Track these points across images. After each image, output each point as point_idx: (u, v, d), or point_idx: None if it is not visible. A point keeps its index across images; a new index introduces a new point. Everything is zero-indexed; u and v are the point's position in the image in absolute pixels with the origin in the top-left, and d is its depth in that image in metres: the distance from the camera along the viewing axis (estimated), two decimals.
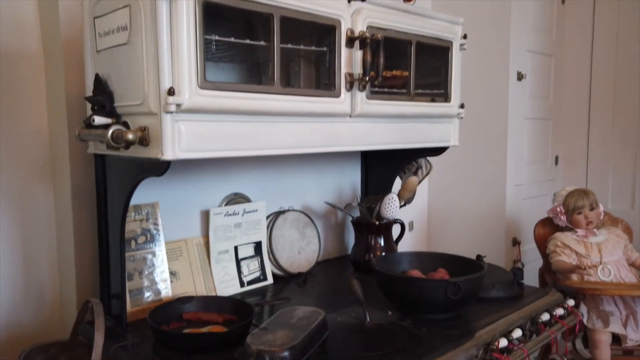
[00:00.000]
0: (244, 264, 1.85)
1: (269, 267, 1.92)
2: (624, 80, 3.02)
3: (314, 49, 1.59)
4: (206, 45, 1.24)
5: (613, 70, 3.07)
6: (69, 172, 1.60)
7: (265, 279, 1.90)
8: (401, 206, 2.08)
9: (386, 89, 1.72)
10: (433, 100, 1.87)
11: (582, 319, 2.20)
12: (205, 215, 1.80)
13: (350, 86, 1.55)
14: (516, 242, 2.81)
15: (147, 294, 1.58)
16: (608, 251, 2.33)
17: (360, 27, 1.53)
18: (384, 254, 2.01)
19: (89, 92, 1.41)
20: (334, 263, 2.23)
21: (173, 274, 1.67)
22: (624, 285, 2.26)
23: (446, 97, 1.90)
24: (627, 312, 2.26)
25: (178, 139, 1.21)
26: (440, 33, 1.81)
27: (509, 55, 2.66)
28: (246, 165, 1.94)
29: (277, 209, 2.00)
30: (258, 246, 1.89)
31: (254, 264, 1.88)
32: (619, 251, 2.35)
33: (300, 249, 2.03)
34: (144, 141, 1.23)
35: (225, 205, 1.87)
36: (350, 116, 1.59)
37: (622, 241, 2.39)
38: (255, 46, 1.44)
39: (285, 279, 1.96)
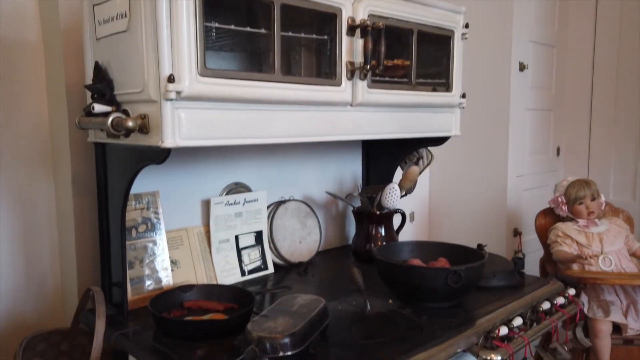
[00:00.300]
0: (244, 253, 1.85)
1: (269, 257, 1.92)
2: (626, 72, 3.01)
3: (314, 37, 1.58)
4: (206, 32, 1.24)
5: (615, 61, 3.05)
6: (70, 161, 1.60)
7: (266, 268, 1.90)
8: (402, 196, 2.08)
9: (387, 78, 1.72)
10: (434, 90, 1.86)
11: (583, 308, 2.21)
12: (206, 205, 1.80)
13: (351, 75, 1.55)
14: (517, 233, 2.80)
15: (148, 283, 1.59)
16: (609, 241, 2.33)
17: (361, 16, 1.52)
18: (385, 244, 2.01)
19: (88, 81, 1.41)
20: (335, 253, 2.23)
21: (174, 262, 1.68)
22: (625, 274, 2.26)
23: (448, 87, 1.89)
24: (628, 301, 2.27)
25: (178, 127, 1.21)
26: (442, 22, 1.80)
27: (511, 46, 2.64)
28: (247, 155, 1.94)
29: (277, 199, 2.00)
30: (259, 235, 1.90)
31: (255, 253, 1.88)
32: (620, 241, 2.35)
33: (301, 238, 2.03)
34: (144, 129, 1.23)
35: (226, 194, 1.87)
36: (351, 105, 1.59)
37: (623, 231, 2.39)
38: (256, 34, 1.43)
39: (286, 268, 1.96)
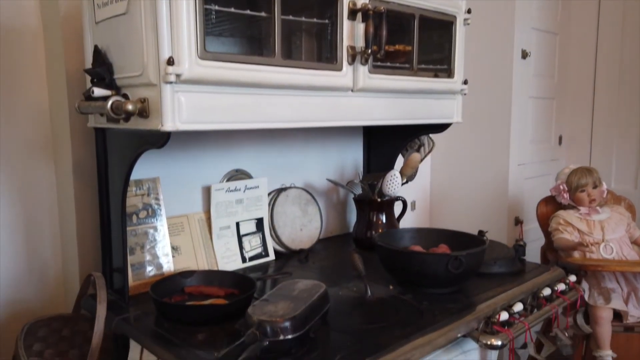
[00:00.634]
0: (245, 239, 1.85)
1: (270, 244, 1.92)
2: (629, 60, 2.98)
3: (315, 21, 1.56)
4: (206, 15, 1.23)
5: (619, 49, 3.02)
6: (70, 147, 1.59)
7: (267, 255, 1.90)
8: (403, 184, 2.07)
9: (389, 64, 1.70)
10: (436, 76, 1.85)
11: (584, 294, 2.21)
12: (207, 191, 1.80)
13: (352, 59, 1.54)
14: (518, 222, 2.80)
15: (149, 268, 1.59)
16: (611, 229, 2.32)
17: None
18: (386, 231, 2.00)
19: (88, 65, 1.40)
20: (336, 240, 2.23)
21: (175, 249, 1.68)
22: (626, 262, 2.25)
23: (449, 73, 1.88)
24: (629, 288, 2.27)
25: (178, 110, 1.20)
26: (444, 7, 1.78)
27: (514, 33, 2.62)
28: (248, 142, 1.93)
29: (278, 186, 2.00)
30: (260, 222, 1.89)
31: (256, 240, 1.88)
32: (621, 229, 2.34)
33: (302, 225, 2.03)
34: (144, 113, 1.22)
35: (227, 181, 1.87)
36: (352, 90, 1.58)
37: (624, 219, 2.39)
38: (256, 18, 1.42)
39: (287, 255, 1.96)
